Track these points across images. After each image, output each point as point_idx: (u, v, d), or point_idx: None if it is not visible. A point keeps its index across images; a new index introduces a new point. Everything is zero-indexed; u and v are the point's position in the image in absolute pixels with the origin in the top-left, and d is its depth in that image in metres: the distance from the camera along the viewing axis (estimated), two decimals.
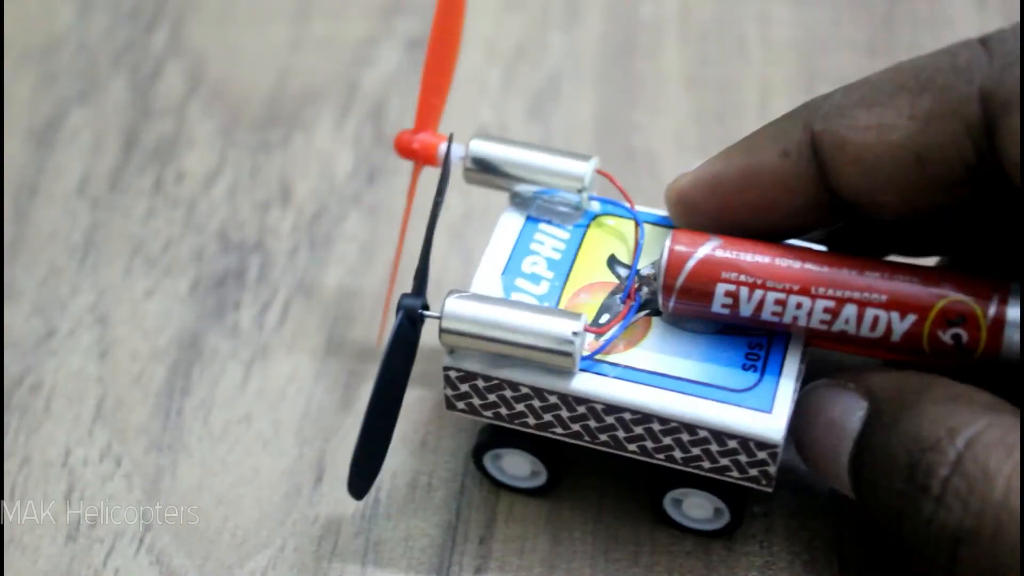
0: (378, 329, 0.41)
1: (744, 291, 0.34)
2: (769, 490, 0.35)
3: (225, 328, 0.42)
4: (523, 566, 0.37)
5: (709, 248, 0.35)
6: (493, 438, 0.37)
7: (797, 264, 0.34)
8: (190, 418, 0.40)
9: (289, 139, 0.47)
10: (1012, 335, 0.34)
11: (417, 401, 0.40)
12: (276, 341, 0.42)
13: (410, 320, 0.35)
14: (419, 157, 0.38)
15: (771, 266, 0.34)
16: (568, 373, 0.35)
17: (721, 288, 0.35)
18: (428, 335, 0.36)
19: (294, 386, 0.41)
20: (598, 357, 0.35)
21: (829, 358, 0.37)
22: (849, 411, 0.34)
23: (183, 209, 0.45)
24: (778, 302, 0.34)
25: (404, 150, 0.38)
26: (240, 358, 0.41)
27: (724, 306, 0.35)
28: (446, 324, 0.34)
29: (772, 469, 0.35)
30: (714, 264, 0.35)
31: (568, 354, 0.34)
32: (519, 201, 0.38)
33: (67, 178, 0.46)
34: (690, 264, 0.35)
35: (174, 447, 0.40)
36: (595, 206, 0.38)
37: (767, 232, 0.35)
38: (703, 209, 0.36)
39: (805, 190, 0.34)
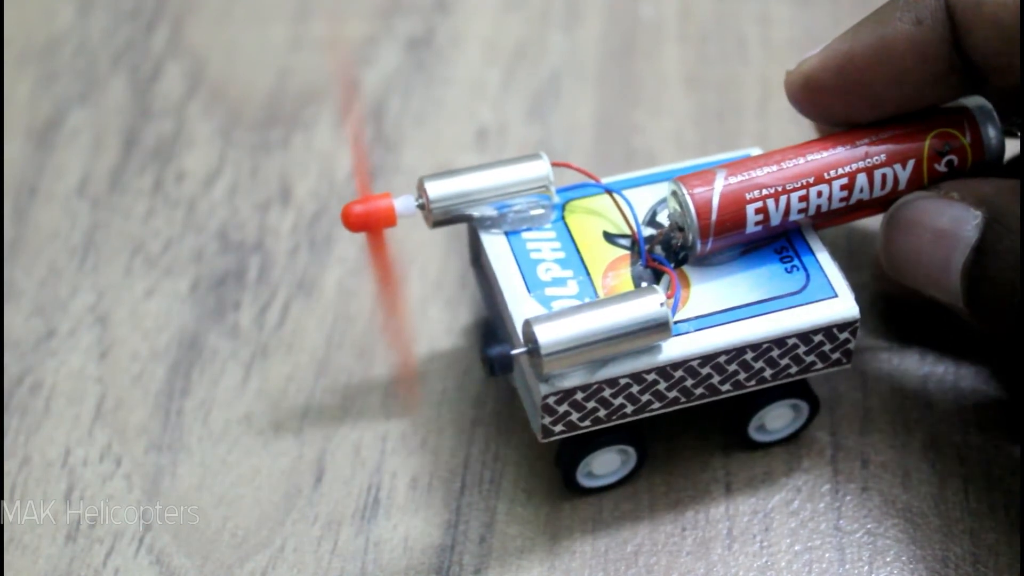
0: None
1: (771, 203, 0.36)
2: (849, 366, 0.37)
3: (225, 328, 0.42)
4: (523, 566, 0.37)
5: (723, 179, 0.36)
6: (579, 450, 0.37)
7: (800, 160, 0.36)
8: (190, 418, 0.40)
9: (289, 139, 0.47)
10: (990, 142, 0.37)
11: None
12: (276, 341, 0.42)
13: (502, 367, 0.35)
14: (377, 224, 0.36)
15: (781, 171, 0.36)
16: (658, 347, 0.35)
17: (751, 208, 0.36)
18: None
19: (294, 386, 0.41)
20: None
21: None
22: (962, 221, 0.34)
23: (183, 209, 0.45)
24: (802, 199, 0.36)
25: (356, 223, 0.36)
26: (240, 358, 0.41)
27: (757, 223, 0.36)
28: (547, 351, 0.34)
29: (853, 344, 0.36)
30: (735, 190, 0.36)
31: (664, 324, 0.35)
32: (487, 223, 0.38)
33: (67, 178, 0.46)
34: (716, 200, 0.36)
35: (174, 447, 0.40)
36: (557, 197, 0.38)
37: (894, 108, 0.36)
38: (832, 89, 0.36)
39: (939, 56, 0.35)
